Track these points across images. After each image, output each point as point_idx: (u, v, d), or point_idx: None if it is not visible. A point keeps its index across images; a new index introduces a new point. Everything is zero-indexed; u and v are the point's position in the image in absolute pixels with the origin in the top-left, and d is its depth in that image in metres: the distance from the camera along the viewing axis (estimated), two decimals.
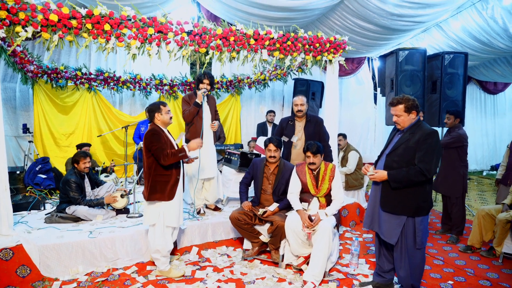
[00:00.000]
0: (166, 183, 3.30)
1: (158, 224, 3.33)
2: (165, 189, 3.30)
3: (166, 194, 3.29)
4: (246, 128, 8.16)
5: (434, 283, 3.39)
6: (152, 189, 3.29)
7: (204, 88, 4.20)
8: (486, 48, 7.06)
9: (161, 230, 3.34)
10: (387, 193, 2.87)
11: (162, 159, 3.20)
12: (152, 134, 3.27)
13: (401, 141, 2.86)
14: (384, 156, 2.97)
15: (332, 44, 4.84)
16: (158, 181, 3.29)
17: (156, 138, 3.26)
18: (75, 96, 6.50)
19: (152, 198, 3.29)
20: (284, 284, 3.28)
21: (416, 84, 5.43)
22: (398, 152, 2.84)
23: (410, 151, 2.79)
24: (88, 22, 3.58)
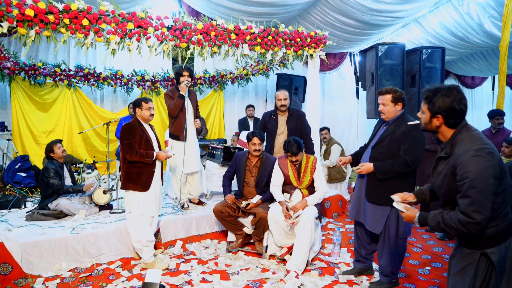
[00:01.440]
0: (140, 174, 3.39)
1: (133, 211, 3.41)
2: (139, 180, 3.39)
3: (140, 185, 3.39)
4: (229, 123, 8.18)
5: (413, 269, 3.51)
6: (126, 179, 3.39)
7: (186, 80, 4.21)
8: (463, 43, 7.26)
9: (137, 217, 3.41)
10: (372, 185, 2.93)
11: (128, 154, 3.32)
12: (128, 128, 3.39)
13: (386, 134, 2.91)
14: (369, 148, 3.01)
15: (312, 39, 4.91)
16: (131, 172, 3.38)
17: (130, 132, 3.37)
18: (54, 93, 6.39)
19: (127, 187, 3.39)
20: (268, 274, 3.34)
21: (396, 78, 5.55)
22: (384, 144, 2.89)
23: (395, 143, 2.84)
24: (65, 17, 3.54)
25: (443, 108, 1.83)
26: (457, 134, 1.85)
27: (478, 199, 1.66)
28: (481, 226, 1.68)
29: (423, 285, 3.18)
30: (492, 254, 1.77)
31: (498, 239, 1.77)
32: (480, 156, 1.68)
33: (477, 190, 1.65)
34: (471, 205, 1.67)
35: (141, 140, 3.40)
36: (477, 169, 1.66)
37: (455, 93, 1.82)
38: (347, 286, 3.14)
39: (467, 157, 1.71)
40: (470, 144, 1.75)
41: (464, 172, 1.70)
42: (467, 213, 1.68)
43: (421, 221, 1.92)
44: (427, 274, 3.41)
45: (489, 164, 1.67)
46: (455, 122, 1.85)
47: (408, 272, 3.43)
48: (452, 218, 1.74)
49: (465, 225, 1.70)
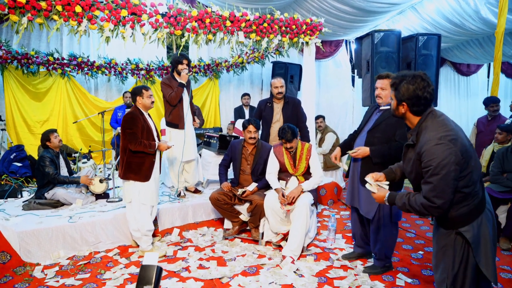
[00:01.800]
0: (141, 164, 3.39)
1: (134, 201, 3.41)
2: (140, 170, 3.39)
3: (141, 175, 3.39)
4: (225, 112, 8.17)
5: (406, 253, 3.58)
6: (126, 169, 3.38)
7: (186, 69, 4.17)
8: (459, 30, 7.24)
9: (138, 207, 3.42)
10: (366, 169, 2.94)
11: (132, 145, 3.31)
12: (131, 117, 3.35)
13: (381, 119, 2.95)
14: (364, 133, 3.06)
15: (308, 26, 4.89)
16: (132, 162, 3.37)
17: (133, 122, 3.33)
18: (48, 82, 6.33)
19: (128, 177, 3.38)
20: (264, 260, 3.38)
21: (391, 65, 5.54)
22: (380, 129, 2.94)
23: (391, 128, 2.89)
24: (58, 3, 3.50)
25: (407, 95, 1.88)
26: (422, 122, 1.90)
27: (439, 185, 1.76)
28: (442, 210, 1.79)
29: (416, 269, 3.24)
30: (466, 232, 1.86)
31: (470, 218, 1.87)
32: (443, 144, 1.75)
33: (439, 177, 1.75)
34: (432, 190, 1.78)
35: (143, 130, 3.38)
36: (439, 157, 1.74)
37: (419, 81, 1.85)
38: (341, 270, 3.20)
39: (430, 145, 1.78)
40: (433, 131, 1.81)
41: (427, 160, 1.78)
42: (429, 198, 1.80)
43: (390, 200, 2.03)
44: (420, 258, 3.48)
45: (451, 151, 1.74)
46: (419, 110, 1.90)
47: (401, 257, 3.49)
48: (416, 201, 1.86)
49: (426, 209, 1.82)
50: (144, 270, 1.28)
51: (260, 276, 3.05)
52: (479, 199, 1.88)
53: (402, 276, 3.08)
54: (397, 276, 3.08)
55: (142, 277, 1.27)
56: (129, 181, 3.40)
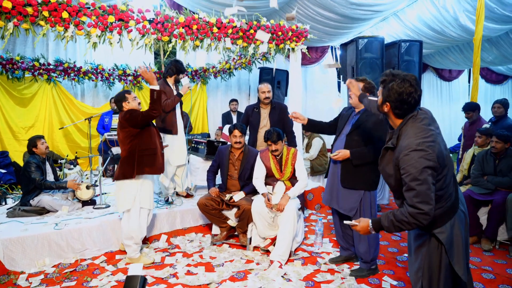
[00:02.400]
0: (154, 157, 3.35)
1: (133, 209, 3.35)
2: (154, 161, 3.35)
3: (156, 167, 3.37)
4: (213, 118, 8.19)
5: (391, 256, 3.65)
6: (140, 164, 3.28)
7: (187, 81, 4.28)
8: (440, 37, 7.44)
9: (137, 214, 3.36)
10: (347, 171, 3.09)
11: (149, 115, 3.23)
12: (130, 113, 3.26)
13: (359, 122, 3.08)
14: (343, 136, 3.17)
15: (294, 32, 4.97)
16: (146, 155, 3.31)
17: (135, 113, 3.26)
18: (33, 88, 6.25)
19: (143, 171, 3.31)
20: (252, 265, 3.40)
21: (376, 71, 5.67)
22: (358, 132, 3.07)
23: (369, 131, 3.03)
24: (44, 9, 3.48)
25: (392, 97, 1.86)
26: (403, 125, 1.89)
27: (421, 190, 1.73)
28: (429, 216, 1.75)
29: (401, 271, 3.31)
30: (439, 234, 1.87)
31: (444, 219, 1.88)
32: (420, 151, 1.74)
33: (420, 182, 1.73)
34: (416, 196, 1.75)
35: None
36: (418, 163, 1.74)
37: (407, 86, 1.82)
38: (328, 274, 3.24)
39: (408, 150, 1.77)
40: (412, 137, 1.80)
41: (405, 166, 1.78)
42: (414, 205, 1.76)
43: (375, 226, 1.94)
44: (405, 260, 3.54)
45: (429, 156, 1.74)
46: (401, 113, 1.89)
47: (387, 260, 3.56)
48: (403, 213, 1.80)
49: (415, 217, 1.76)
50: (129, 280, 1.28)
51: (248, 281, 3.07)
52: (451, 201, 1.91)
53: (388, 279, 3.14)
54: (383, 279, 3.14)
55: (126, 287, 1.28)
56: (126, 188, 3.31)
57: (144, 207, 3.40)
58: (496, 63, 9.45)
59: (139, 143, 3.31)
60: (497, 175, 4.04)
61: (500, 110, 4.86)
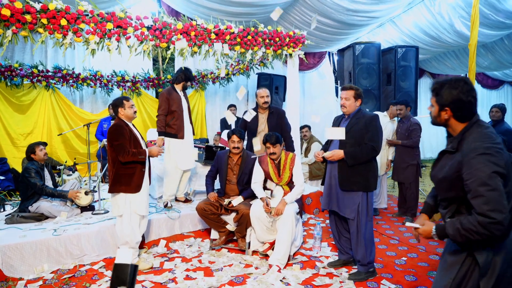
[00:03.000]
0: (131, 176, 3.33)
1: (125, 214, 3.34)
2: (131, 181, 3.32)
3: (132, 187, 3.32)
4: (211, 123, 8.21)
5: (390, 260, 3.66)
6: (116, 182, 3.30)
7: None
8: (436, 42, 7.53)
9: (129, 219, 3.36)
10: (344, 174, 3.16)
11: (121, 156, 3.23)
12: (115, 129, 3.29)
13: (350, 126, 3.18)
14: (336, 141, 3.24)
15: (291, 38, 5.02)
16: (122, 174, 3.30)
17: (119, 133, 3.27)
18: (32, 95, 6.27)
19: (118, 190, 3.30)
20: (251, 269, 3.41)
21: (372, 76, 5.73)
22: (350, 135, 3.14)
23: (360, 132, 3.13)
24: (43, 17, 3.52)
25: (450, 99, 1.76)
26: (467, 130, 1.77)
27: (492, 197, 1.55)
28: (503, 226, 1.54)
29: (399, 274, 3.32)
30: (479, 255, 1.68)
31: (489, 242, 1.67)
32: (489, 155, 1.61)
33: (489, 188, 1.56)
34: (487, 203, 1.56)
35: (130, 140, 3.32)
36: (486, 166, 1.59)
37: (462, 84, 1.75)
38: (327, 278, 3.25)
39: (475, 154, 1.63)
40: (479, 141, 1.67)
41: (472, 170, 1.62)
42: (485, 213, 1.56)
43: (439, 232, 1.76)
44: (403, 264, 3.56)
45: (498, 162, 1.60)
46: (463, 115, 1.78)
47: (385, 263, 3.57)
48: (471, 221, 1.60)
49: (486, 227, 1.55)
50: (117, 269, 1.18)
51: (247, 286, 3.08)
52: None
53: (386, 282, 3.15)
54: (381, 282, 3.15)
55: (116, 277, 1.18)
56: (118, 194, 3.33)
57: (137, 213, 3.39)
58: (491, 69, 9.56)
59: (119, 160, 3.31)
60: None
61: (498, 115, 4.92)
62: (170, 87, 4.50)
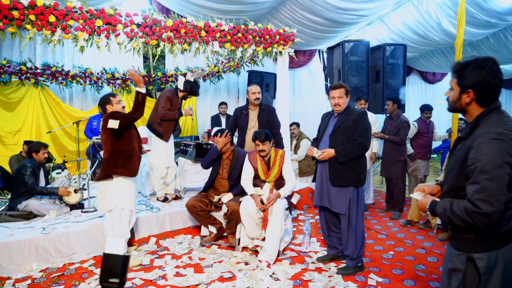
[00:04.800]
0: (129, 159, 3.34)
1: (115, 209, 3.34)
2: (128, 165, 3.33)
3: (129, 170, 3.33)
4: (202, 121, 8.21)
5: (377, 254, 3.72)
6: (114, 165, 3.28)
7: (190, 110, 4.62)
8: (424, 41, 7.63)
9: (119, 215, 3.36)
10: (335, 170, 3.20)
11: (133, 114, 3.22)
12: (112, 114, 3.26)
13: (339, 123, 3.22)
14: (326, 138, 3.29)
15: (281, 36, 5.04)
16: (119, 158, 3.30)
17: (118, 113, 3.26)
18: (20, 92, 6.21)
19: (116, 172, 3.28)
20: (241, 265, 3.44)
21: (361, 74, 5.80)
22: (340, 132, 3.20)
23: (349, 129, 3.17)
24: (31, 13, 3.48)
25: (476, 81, 1.56)
26: (485, 115, 1.58)
27: (487, 187, 1.42)
28: (489, 220, 1.43)
29: (387, 268, 3.38)
30: (479, 259, 1.54)
31: (490, 245, 1.53)
32: (501, 141, 1.44)
33: (489, 176, 1.42)
34: (479, 192, 1.44)
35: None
36: (493, 154, 1.43)
37: (490, 65, 1.54)
38: (316, 273, 3.29)
39: (485, 138, 1.47)
40: (494, 126, 1.50)
41: (477, 155, 1.47)
42: (473, 201, 1.45)
43: (431, 208, 1.67)
44: (390, 258, 3.63)
45: (509, 150, 1.43)
46: (487, 99, 1.58)
47: (373, 258, 3.63)
48: (460, 206, 1.51)
49: (469, 214, 1.46)
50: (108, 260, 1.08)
51: (236, 281, 3.11)
52: (509, 226, 1.53)
53: (374, 276, 3.21)
54: (369, 276, 3.21)
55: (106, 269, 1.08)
56: (110, 188, 3.32)
57: (125, 208, 3.39)
58: None
59: (118, 144, 3.32)
60: None
61: None
62: (173, 90, 4.58)
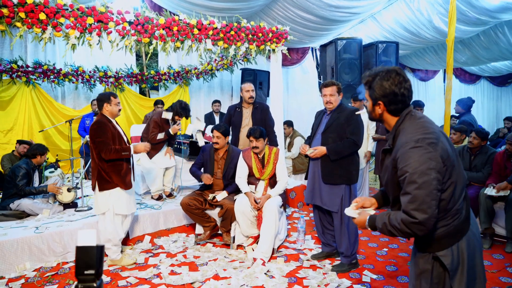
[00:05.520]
0: (119, 172, 3.31)
1: (108, 212, 3.33)
2: (119, 178, 3.30)
3: (123, 183, 3.31)
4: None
5: (371, 251, 3.76)
6: (103, 181, 3.27)
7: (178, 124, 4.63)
8: (415, 38, 7.68)
9: (111, 218, 3.35)
10: (327, 168, 3.21)
11: (103, 153, 3.19)
12: (98, 126, 3.24)
13: (332, 120, 3.24)
14: (318, 135, 3.30)
15: (274, 34, 5.04)
16: (111, 172, 3.27)
17: (102, 130, 3.22)
18: (11, 91, 6.13)
19: (107, 187, 3.27)
20: (235, 263, 3.45)
21: (354, 71, 5.82)
22: (332, 129, 3.21)
23: (341, 127, 3.19)
24: (21, 10, 3.44)
25: (382, 93, 1.63)
26: (400, 123, 1.66)
27: (418, 196, 1.46)
28: (426, 227, 1.47)
29: (381, 265, 3.42)
30: (444, 257, 1.59)
31: (450, 241, 1.59)
32: (420, 148, 1.49)
33: (417, 185, 1.46)
34: (412, 202, 1.48)
35: (114, 137, 3.27)
36: (416, 162, 1.48)
37: (393, 76, 1.61)
38: (311, 270, 3.31)
39: (406, 148, 1.53)
40: (411, 134, 1.56)
41: (403, 166, 1.52)
42: (408, 212, 1.49)
43: (370, 224, 1.68)
44: (384, 255, 3.66)
45: (430, 155, 1.48)
46: (397, 109, 1.66)
47: (367, 254, 3.66)
48: (397, 218, 1.53)
49: (407, 225, 1.49)
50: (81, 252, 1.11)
51: (231, 279, 3.11)
52: (461, 219, 1.59)
53: (368, 273, 3.24)
54: (363, 273, 3.24)
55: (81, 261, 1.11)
56: (103, 192, 3.29)
57: (119, 213, 3.38)
58: (468, 64, 9.81)
59: None
60: (471, 170, 4.21)
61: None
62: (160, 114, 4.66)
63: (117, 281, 3.13)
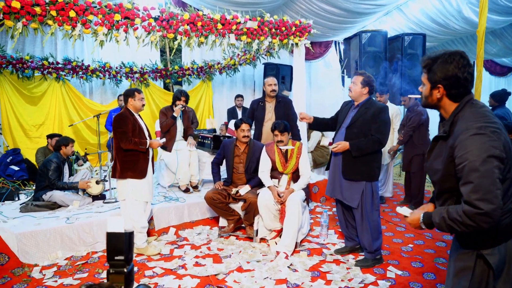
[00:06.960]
0: (137, 162, 3.48)
1: (128, 199, 3.49)
2: (137, 167, 3.47)
3: (138, 172, 3.48)
4: (218, 113, 8.25)
5: (396, 247, 3.70)
6: (123, 168, 3.45)
7: (181, 104, 4.69)
8: (443, 30, 7.42)
9: (131, 204, 3.50)
10: (348, 163, 3.17)
11: (122, 143, 3.41)
12: (120, 118, 3.47)
13: (358, 115, 3.16)
14: (343, 129, 3.24)
15: (297, 27, 5.00)
16: (128, 161, 3.46)
17: (123, 122, 3.44)
18: (43, 87, 6.38)
19: (125, 176, 3.45)
20: (258, 256, 3.48)
21: (379, 65, 5.69)
22: (357, 125, 3.14)
23: (367, 123, 3.10)
24: (52, 8, 3.57)
25: (444, 76, 1.55)
26: (460, 110, 1.56)
27: (482, 185, 1.37)
28: (492, 219, 1.37)
29: (406, 261, 3.36)
30: (490, 256, 1.50)
31: (498, 239, 1.50)
32: (483, 135, 1.41)
33: (480, 173, 1.37)
34: (475, 192, 1.38)
35: (134, 129, 3.48)
36: (479, 149, 1.39)
37: (458, 59, 1.53)
38: (334, 265, 3.30)
39: (467, 135, 1.44)
40: (472, 121, 1.47)
41: (463, 153, 1.43)
42: (472, 202, 1.38)
43: (425, 221, 1.59)
44: (409, 251, 3.60)
45: (494, 144, 1.39)
46: (458, 93, 1.56)
47: (392, 250, 3.61)
48: (458, 211, 1.43)
49: (471, 217, 1.39)
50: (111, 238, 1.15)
51: (255, 272, 3.15)
52: None
53: (393, 269, 3.20)
54: (387, 269, 3.20)
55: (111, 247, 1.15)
56: (123, 179, 3.47)
57: (138, 200, 3.52)
58: (500, 55, 9.40)
59: None
60: None
61: None
62: (168, 106, 4.94)
63: (143, 271, 3.22)
